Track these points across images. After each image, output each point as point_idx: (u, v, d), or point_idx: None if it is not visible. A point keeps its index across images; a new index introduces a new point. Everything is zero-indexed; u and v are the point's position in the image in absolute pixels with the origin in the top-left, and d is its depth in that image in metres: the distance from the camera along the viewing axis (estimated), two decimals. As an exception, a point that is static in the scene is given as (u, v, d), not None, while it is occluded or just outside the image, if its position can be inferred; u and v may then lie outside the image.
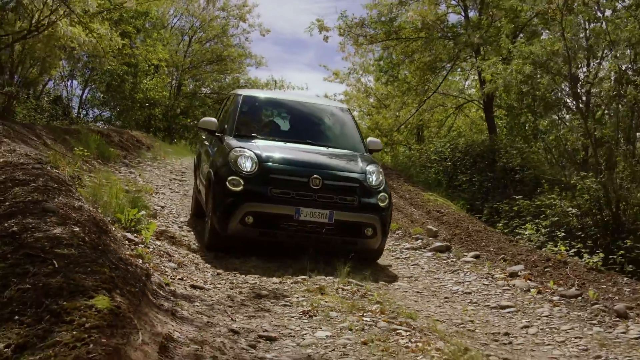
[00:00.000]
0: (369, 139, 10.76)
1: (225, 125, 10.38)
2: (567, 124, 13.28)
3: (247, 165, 8.94)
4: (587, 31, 12.81)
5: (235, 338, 5.15)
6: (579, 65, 12.88)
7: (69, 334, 3.75)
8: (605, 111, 12.33)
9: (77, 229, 5.98)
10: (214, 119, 10.60)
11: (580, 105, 11.94)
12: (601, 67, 12.98)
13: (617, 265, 9.98)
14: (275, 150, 9.42)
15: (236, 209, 8.70)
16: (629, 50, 12.84)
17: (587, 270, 8.99)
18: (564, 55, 12.15)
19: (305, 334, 5.58)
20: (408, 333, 5.69)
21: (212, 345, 4.72)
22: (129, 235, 7.85)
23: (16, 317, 4.05)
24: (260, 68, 48.57)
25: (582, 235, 11.32)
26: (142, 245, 7.68)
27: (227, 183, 8.84)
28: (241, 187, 8.79)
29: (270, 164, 9.00)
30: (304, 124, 10.80)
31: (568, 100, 12.91)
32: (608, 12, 13.18)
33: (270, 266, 8.60)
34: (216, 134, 10.31)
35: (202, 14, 32.14)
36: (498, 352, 5.93)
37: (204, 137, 11.97)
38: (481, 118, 21.74)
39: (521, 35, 17.61)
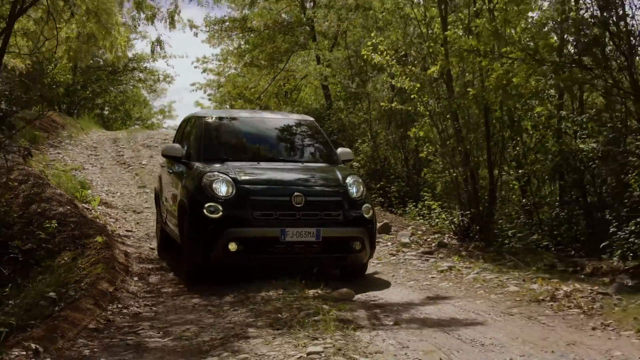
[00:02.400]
0: (339, 149, 10.43)
1: (191, 151, 9.90)
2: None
3: (223, 190, 8.53)
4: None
5: (154, 251, 11.61)
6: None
7: (93, 251, 10.07)
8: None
9: (69, 207, 12.29)
10: (177, 145, 10.17)
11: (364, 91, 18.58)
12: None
13: (374, 199, 16.72)
14: (250, 170, 9.04)
15: (217, 237, 8.31)
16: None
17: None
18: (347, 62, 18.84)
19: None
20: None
21: (143, 253, 11.18)
22: (85, 205, 14.09)
23: (67, 248, 10.38)
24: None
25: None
26: (94, 211, 13.95)
27: (204, 210, 8.40)
28: (220, 213, 8.35)
29: (247, 185, 8.61)
30: (273, 141, 10.33)
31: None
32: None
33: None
34: (182, 160, 9.79)
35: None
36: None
37: (163, 166, 11.66)
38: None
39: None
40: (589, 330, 5.62)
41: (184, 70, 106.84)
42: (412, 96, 13.24)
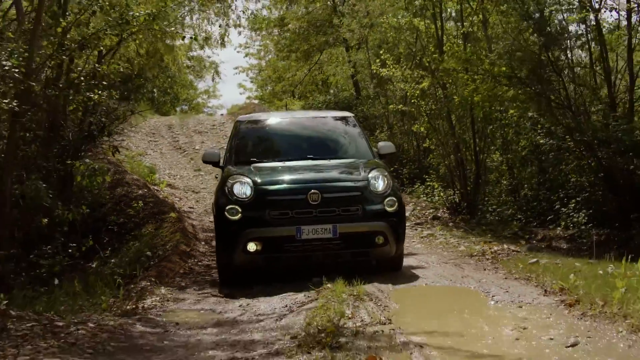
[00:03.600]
0: (380, 143, 10.47)
1: (227, 155, 10.10)
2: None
3: (243, 192, 8.68)
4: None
5: (212, 223, 15.24)
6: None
7: (169, 223, 13.79)
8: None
9: (146, 190, 16.04)
10: (215, 151, 10.26)
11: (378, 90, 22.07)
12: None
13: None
14: (272, 171, 9.19)
15: (237, 238, 8.51)
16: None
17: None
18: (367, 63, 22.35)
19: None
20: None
21: (205, 225, 14.85)
22: (155, 187, 17.79)
23: (149, 222, 14.12)
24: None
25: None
26: (162, 192, 17.64)
27: (225, 213, 8.62)
28: (239, 215, 8.54)
29: (266, 186, 8.74)
30: (304, 140, 10.36)
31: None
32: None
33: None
34: (220, 165, 9.95)
35: None
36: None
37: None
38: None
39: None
40: (482, 271, 9.08)
41: (228, 53, 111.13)
42: (412, 100, 16.73)
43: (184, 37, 11.18)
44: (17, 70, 8.00)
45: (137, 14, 9.82)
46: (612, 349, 4.71)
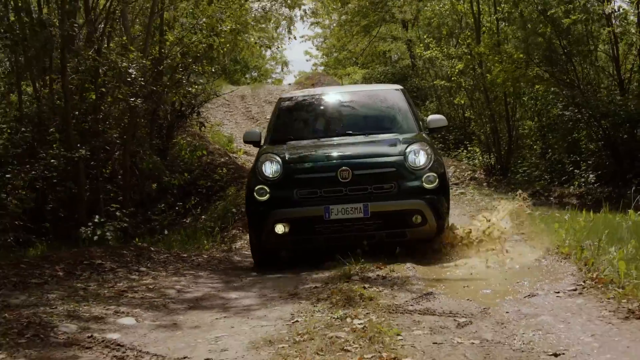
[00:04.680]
0: (431, 116, 9.82)
1: (266, 134, 9.77)
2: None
3: (272, 171, 8.23)
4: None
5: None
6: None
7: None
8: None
9: (227, 158, 19.21)
10: (256, 130, 9.76)
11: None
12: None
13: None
14: (304, 148, 8.74)
15: (265, 219, 8.12)
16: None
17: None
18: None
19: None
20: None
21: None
22: (234, 155, 20.88)
23: (231, 185, 17.26)
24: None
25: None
26: (240, 159, 20.71)
27: (254, 193, 8.23)
28: (267, 195, 8.13)
29: (294, 164, 8.30)
30: (344, 116, 9.79)
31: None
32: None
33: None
34: (259, 144, 9.47)
35: None
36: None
37: None
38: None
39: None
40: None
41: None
42: (452, 78, 19.48)
43: (261, 46, 14.05)
44: (142, 78, 11.13)
45: (225, 27, 12.88)
46: (529, 261, 7.49)
